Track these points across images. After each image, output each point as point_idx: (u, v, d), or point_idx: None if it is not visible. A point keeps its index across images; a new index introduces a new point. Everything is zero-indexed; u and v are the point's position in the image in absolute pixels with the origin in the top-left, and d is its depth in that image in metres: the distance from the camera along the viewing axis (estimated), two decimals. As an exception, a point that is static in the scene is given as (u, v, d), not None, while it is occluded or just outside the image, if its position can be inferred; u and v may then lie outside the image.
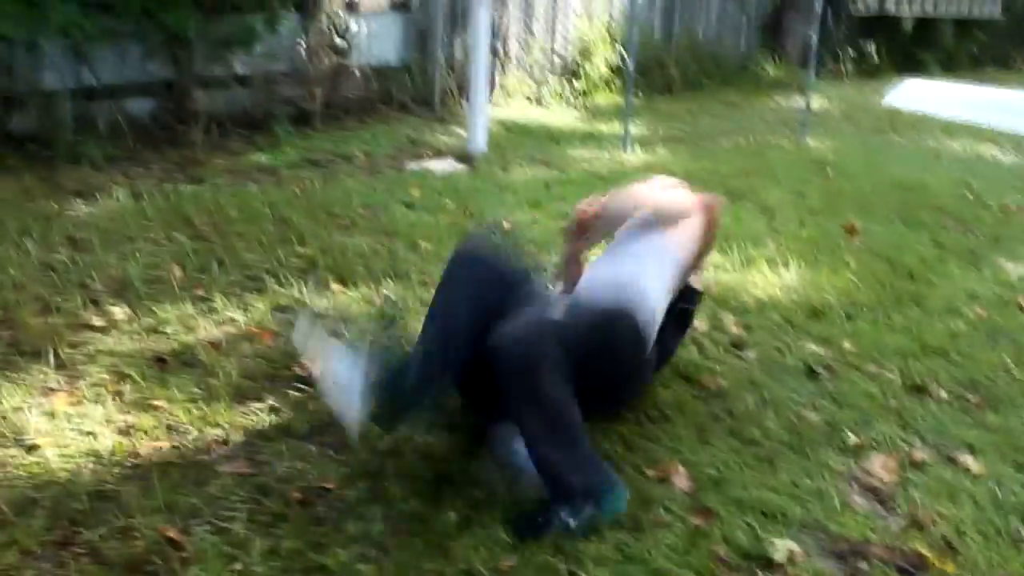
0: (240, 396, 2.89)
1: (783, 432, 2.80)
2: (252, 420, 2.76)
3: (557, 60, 8.92)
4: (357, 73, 7.41)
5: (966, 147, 7.92)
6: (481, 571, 2.12)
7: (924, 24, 13.24)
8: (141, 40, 6.09)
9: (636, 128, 7.58)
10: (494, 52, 8.06)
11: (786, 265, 4.32)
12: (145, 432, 2.66)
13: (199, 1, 5.98)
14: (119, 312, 3.47)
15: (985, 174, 6.82)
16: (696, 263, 2.96)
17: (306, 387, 2.94)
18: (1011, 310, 3.99)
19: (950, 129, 8.86)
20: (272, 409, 2.83)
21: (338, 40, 7.16)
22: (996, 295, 4.17)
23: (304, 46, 7.08)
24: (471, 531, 2.26)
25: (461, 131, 6.90)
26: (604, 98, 8.86)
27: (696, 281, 3.09)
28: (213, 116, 6.36)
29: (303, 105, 6.88)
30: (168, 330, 3.36)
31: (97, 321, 3.39)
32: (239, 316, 3.49)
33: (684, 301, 2.97)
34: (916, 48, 13.29)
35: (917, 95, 10.69)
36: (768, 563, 2.19)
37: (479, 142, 6.32)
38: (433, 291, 2.73)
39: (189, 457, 2.56)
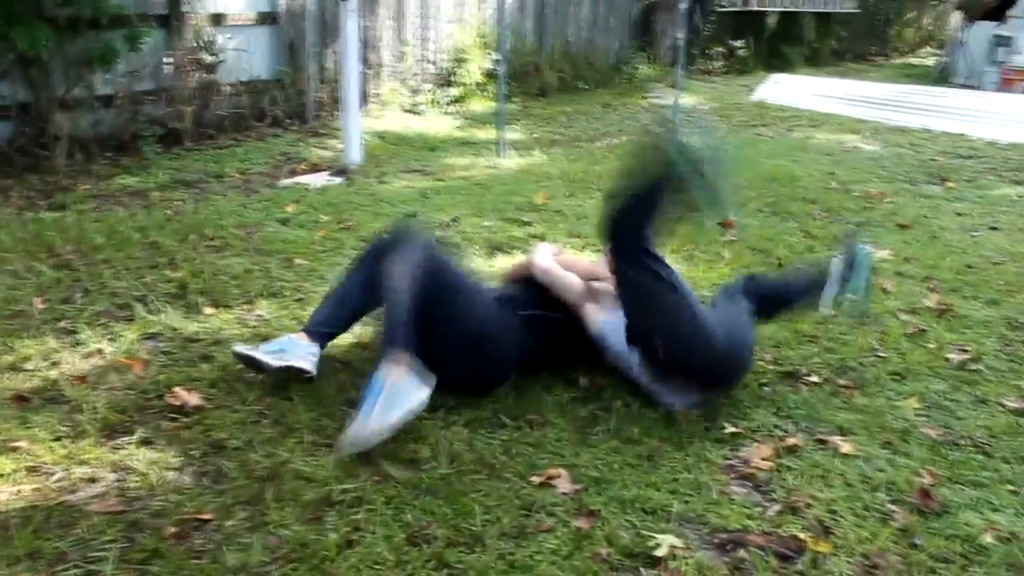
0: (109, 431, 2.77)
1: (661, 428, 2.84)
2: (122, 455, 2.64)
3: (431, 68, 8.89)
4: (227, 89, 7.22)
5: (830, 138, 8.24)
6: (365, 592, 2.08)
7: (787, 19, 13.74)
8: (-9, 62, 5.82)
9: (512, 133, 7.63)
10: (366, 62, 7.99)
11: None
12: (3, 476, 2.52)
13: (52, 18, 5.73)
14: (-25, 351, 3.29)
15: (849, 163, 7.11)
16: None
17: (179, 416, 2.85)
18: (876, 294, 4.14)
19: (815, 121, 9.21)
20: (144, 442, 2.72)
21: (206, 56, 6.97)
22: (862, 280, 4.33)
23: (170, 63, 6.87)
24: (353, 552, 2.21)
25: (336, 144, 6.81)
26: (480, 104, 8.88)
27: None
28: (76, 139, 6.10)
29: (172, 124, 6.67)
30: (29, 366, 3.19)
31: (-49, 361, 3.21)
32: (106, 347, 3.35)
33: None
34: (781, 43, 13.78)
35: (784, 89, 11.07)
36: (651, 559, 2.21)
37: (354, 154, 6.24)
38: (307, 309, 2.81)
39: (53, 499, 2.43)
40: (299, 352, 2.99)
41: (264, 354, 2.95)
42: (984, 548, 2.34)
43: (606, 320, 3.10)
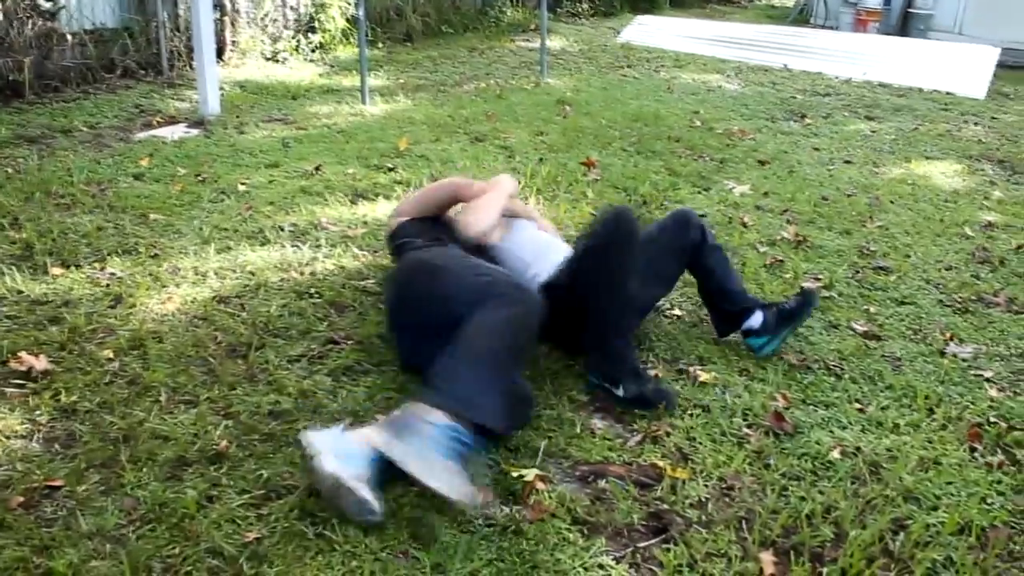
0: (-52, 400, 2.62)
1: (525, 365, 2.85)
2: (-36, 425, 2.51)
3: (291, 14, 8.61)
4: (71, 38, 6.82)
5: (695, 78, 8.38)
6: (226, 547, 2.04)
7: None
8: None
9: (377, 79, 7.49)
10: (221, 9, 7.66)
11: (526, 201, 4.40)
12: None
13: None
14: None
15: (712, 102, 7.25)
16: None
17: (26, 382, 2.71)
18: (736, 227, 4.27)
19: (680, 61, 9.35)
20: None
21: (43, 2, 6.56)
22: (723, 214, 4.45)
23: (1, 10, 6.43)
24: (213, 508, 2.16)
25: (193, 94, 6.55)
26: (344, 51, 8.66)
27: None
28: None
29: (10, 76, 6.27)
30: None
31: None
32: (-55, 313, 3.16)
33: None
34: (648, -14, 13.89)
35: (650, 31, 11.17)
36: (514, 494, 2.24)
37: (211, 104, 6.01)
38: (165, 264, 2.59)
39: None
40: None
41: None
42: (831, 463, 2.45)
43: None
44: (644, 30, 11.22)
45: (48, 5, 6.55)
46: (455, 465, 2.12)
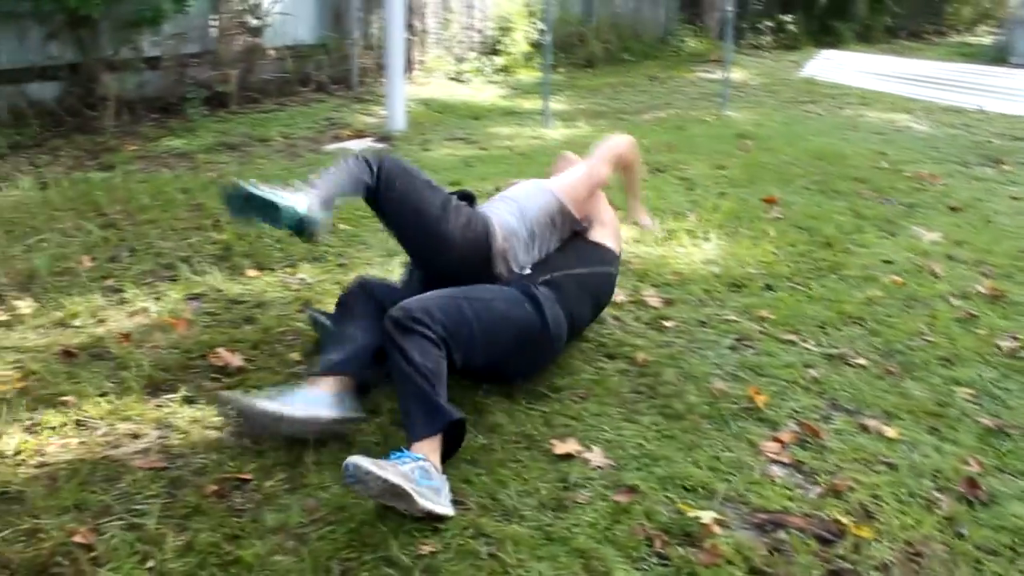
0: (153, 388, 2.81)
1: (705, 406, 2.81)
2: (165, 412, 2.68)
3: (476, 36, 8.84)
4: (272, 53, 7.23)
5: (881, 117, 8.08)
6: (401, 557, 2.09)
7: (839, -5, 13.47)
8: (42, 21, 5.86)
9: (557, 103, 7.57)
10: (411, 28, 7.95)
11: (707, 238, 4.35)
12: (53, 429, 2.57)
13: (103, -22, 5.78)
14: (24, 306, 3.34)
15: (900, 143, 6.97)
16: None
17: (222, 376, 2.87)
18: (925, 276, 4.07)
19: (866, 99, 9.04)
20: (186, 400, 2.75)
21: (251, 19, 6.98)
22: (911, 262, 4.25)
23: (216, 26, 6.89)
24: (390, 517, 2.22)
25: (380, 110, 6.81)
26: (525, 74, 8.83)
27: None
28: (123, 100, 6.16)
29: (217, 87, 6.70)
30: (77, 323, 3.24)
31: (1, 315, 3.26)
32: (152, 305, 3.39)
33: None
34: (832, 19, 13.52)
35: (834, 66, 10.88)
36: (690, 536, 2.20)
37: (398, 120, 6.24)
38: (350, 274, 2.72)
39: (99, 453, 2.47)
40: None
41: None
42: (1032, 540, 2.30)
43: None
44: (828, 65, 10.94)
45: (256, 23, 6.96)
46: None
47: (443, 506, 2.24)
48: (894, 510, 2.36)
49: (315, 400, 2.55)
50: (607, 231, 3.35)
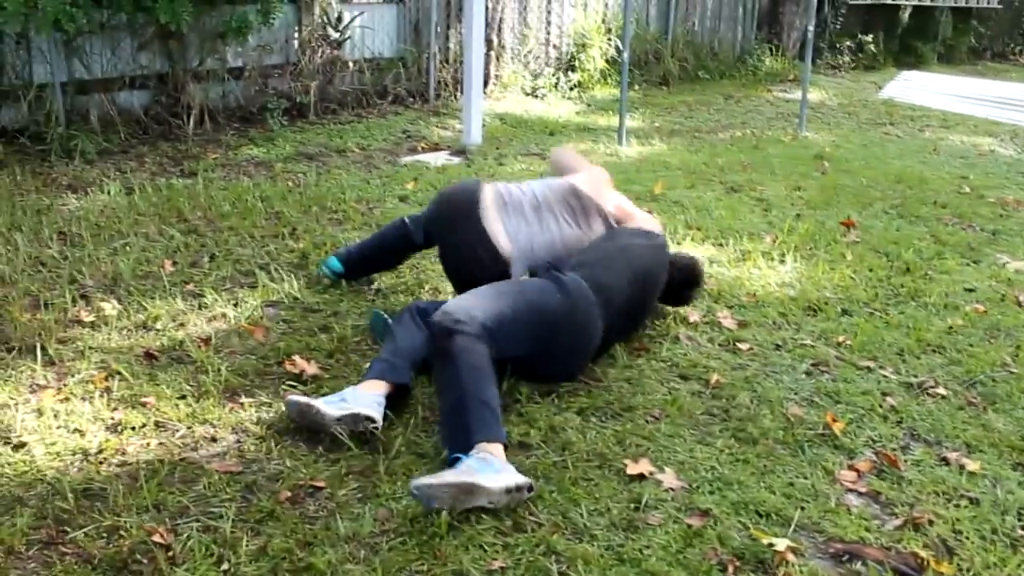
0: (230, 393, 2.86)
1: (779, 431, 2.77)
2: (242, 417, 2.73)
3: (553, 52, 8.87)
4: (351, 65, 7.35)
5: (964, 140, 7.89)
6: (472, 571, 2.09)
7: (921, 14, 13.19)
8: (133, 32, 6.05)
9: (633, 121, 7.55)
10: (489, 43, 8.01)
11: (783, 260, 4.29)
12: (134, 429, 2.63)
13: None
14: (109, 307, 3.43)
15: (983, 168, 6.79)
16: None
17: (297, 384, 2.91)
18: (1009, 306, 3.96)
19: (948, 122, 8.83)
20: (262, 406, 2.80)
21: (332, 32, 7.11)
22: (994, 291, 4.14)
23: (298, 38, 7.03)
24: (462, 531, 2.23)
25: (456, 124, 6.87)
26: (601, 91, 8.82)
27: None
28: (207, 109, 6.32)
29: (297, 98, 6.83)
30: (158, 326, 3.32)
31: (86, 317, 3.36)
32: (230, 311, 3.46)
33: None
34: (914, 39, 13.26)
35: (915, 87, 10.67)
36: (762, 564, 2.16)
37: (474, 135, 6.28)
38: (426, 287, 2.78)
39: (178, 455, 2.52)
40: (363, 400, 2.68)
41: (324, 404, 2.65)
42: (1121, 584, 2.21)
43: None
44: (908, 86, 10.73)
45: (336, 35, 7.08)
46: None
47: (517, 476, 2.33)
48: (976, 547, 2.30)
49: (356, 399, 2.67)
50: (640, 220, 3.56)
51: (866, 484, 2.54)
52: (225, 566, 2.09)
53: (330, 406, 2.61)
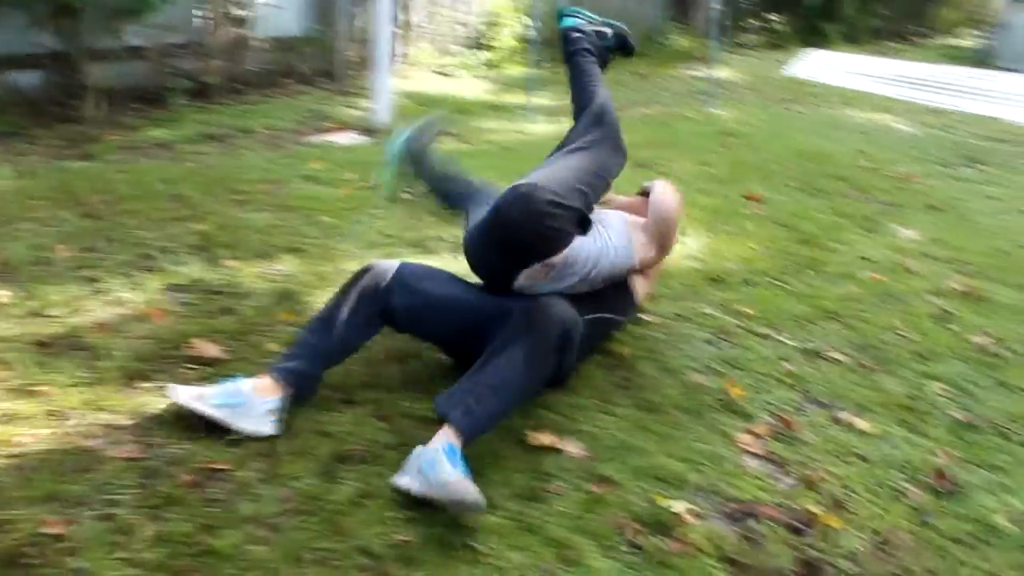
0: (129, 378, 2.79)
1: (681, 398, 2.83)
2: (142, 402, 2.66)
3: (463, 30, 8.83)
4: (258, 44, 7.21)
5: (863, 116, 8.13)
6: (375, 546, 2.09)
7: (827, -4, 13.50)
8: (25, 9, 5.82)
9: (543, 99, 7.57)
10: (398, 22, 7.94)
11: (688, 233, 4.36)
12: (26, 419, 2.55)
13: (87, -33, 5.74)
14: (1, 295, 3.32)
15: (881, 143, 7.01)
16: None
17: (199, 366, 2.86)
18: (901, 273, 4.11)
19: (849, 99, 9.08)
20: (163, 390, 2.73)
21: (237, 11, 6.95)
22: (888, 259, 4.29)
23: (202, 17, 6.86)
24: (366, 507, 2.22)
25: (365, 103, 6.79)
26: (512, 69, 8.82)
27: None
28: (106, 90, 6.12)
29: (202, 78, 6.68)
30: (54, 313, 3.22)
31: (-25, 305, 3.24)
32: (129, 296, 3.37)
33: None
34: (819, 19, 13.56)
35: (819, 65, 10.92)
36: (662, 526, 2.21)
37: (382, 113, 6.23)
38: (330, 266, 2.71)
39: (74, 444, 2.45)
40: (254, 412, 2.53)
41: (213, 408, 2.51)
42: (997, 530, 2.32)
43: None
44: (813, 64, 10.98)
45: (242, 14, 6.93)
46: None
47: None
48: (864, 500, 2.39)
49: (246, 410, 2.53)
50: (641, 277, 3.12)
51: (763, 446, 2.61)
52: (123, 553, 2.04)
53: (219, 411, 2.49)
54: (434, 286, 2.77)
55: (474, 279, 2.92)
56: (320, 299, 3.38)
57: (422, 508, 2.22)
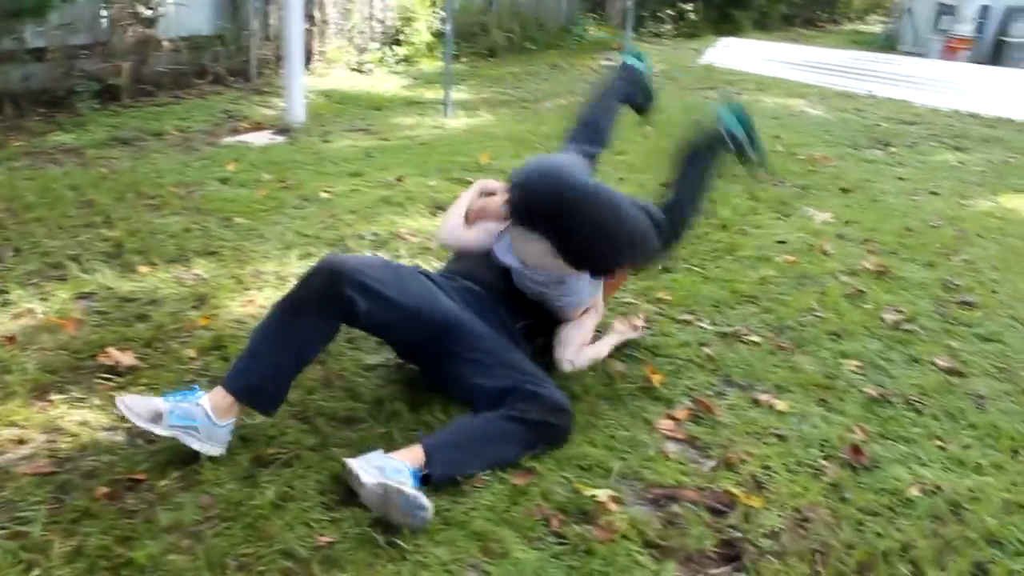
0: (39, 391, 2.71)
1: (601, 386, 2.85)
2: (53, 416, 2.59)
3: (378, 26, 8.76)
4: (167, 44, 7.04)
5: (777, 102, 8.29)
6: (298, 550, 2.07)
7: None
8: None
9: (460, 93, 7.56)
10: (311, 19, 7.83)
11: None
12: (-71, 438, 2.46)
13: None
14: (-100, 310, 3.19)
15: (795, 127, 7.16)
16: None
17: (113, 377, 2.79)
18: (816, 255, 4.20)
19: (763, 85, 9.26)
20: (75, 402, 2.66)
21: (144, 9, 6.78)
22: (803, 242, 4.38)
23: (107, 16, 6.68)
24: (288, 510, 2.20)
25: (280, 102, 6.70)
26: (428, 64, 8.79)
27: None
28: (7, 93, 5.92)
29: (109, 80, 6.50)
30: (-45, 326, 3.11)
31: None
32: (38, 306, 3.27)
33: None
34: (731, 7, 13.79)
35: (733, 53, 11.10)
36: (585, 515, 2.23)
37: (297, 112, 6.15)
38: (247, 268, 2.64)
39: (-20, 461, 2.38)
40: (216, 437, 2.40)
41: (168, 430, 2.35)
42: (910, 501, 2.39)
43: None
44: (727, 52, 11.16)
45: (149, 13, 6.76)
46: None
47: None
48: (783, 479, 2.44)
49: (207, 433, 2.40)
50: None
51: (683, 431, 2.65)
52: (36, 572, 1.98)
53: (172, 431, 2.34)
54: (398, 293, 2.53)
55: (432, 282, 2.74)
56: (237, 302, 3.34)
57: (345, 507, 2.21)
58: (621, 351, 3.11)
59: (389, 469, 2.21)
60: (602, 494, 2.28)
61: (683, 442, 2.60)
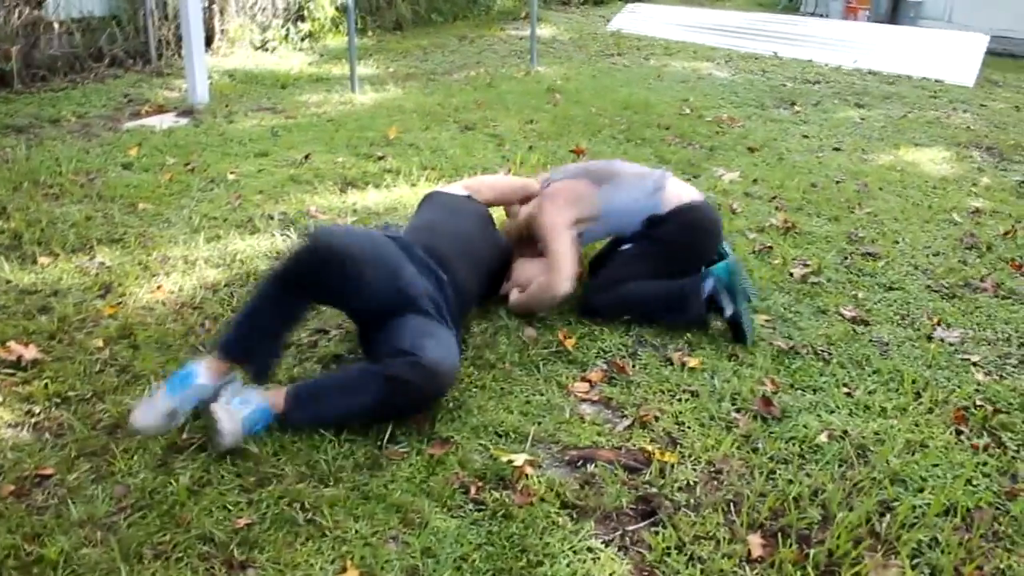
0: (-63, 390, 2.62)
1: (515, 353, 2.87)
2: (-48, 414, 2.51)
3: (281, 3, 8.58)
4: (58, 27, 6.79)
5: (685, 66, 8.38)
6: (217, 534, 2.05)
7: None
8: None
9: (367, 68, 7.47)
10: (211, -2, 7.65)
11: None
12: None
13: None
14: None
15: (702, 90, 7.26)
16: None
17: (16, 371, 2.71)
18: (725, 214, 4.27)
19: (671, 49, 9.35)
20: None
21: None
22: (713, 202, 4.42)
23: (-8, 0, 6.41)
24: (205, 495, 2.17)
25: (182, 83, 6.53)
26: (333, 40, 8.65)
27: None
28: None
29: (-2, 66, 6.25)
30: None
31: None
32: (-67, 304, 3.15)
33: None
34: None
35: (641, 19, 11.16)
36: (503, 480, 2.25)
37: (200, 93, 6.00)
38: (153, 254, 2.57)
39: None
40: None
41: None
42: (819, 447, 2.47)
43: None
44: (635, 18, 11.22)
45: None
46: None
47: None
48: (696, 434, 2.50)
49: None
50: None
51: (598, 392, 2.69)
52: (-59, 576, 1.93)
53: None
54: (373, 275, 2.55)
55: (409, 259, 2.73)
56: (145, 289, 3.27)
57: (263, 488, 2.19)
58: (535, 319, 3.13)
59: (240, 403, 2.37)
60: (519, 459, 2.30)
61: (598, 403, 2.64)
